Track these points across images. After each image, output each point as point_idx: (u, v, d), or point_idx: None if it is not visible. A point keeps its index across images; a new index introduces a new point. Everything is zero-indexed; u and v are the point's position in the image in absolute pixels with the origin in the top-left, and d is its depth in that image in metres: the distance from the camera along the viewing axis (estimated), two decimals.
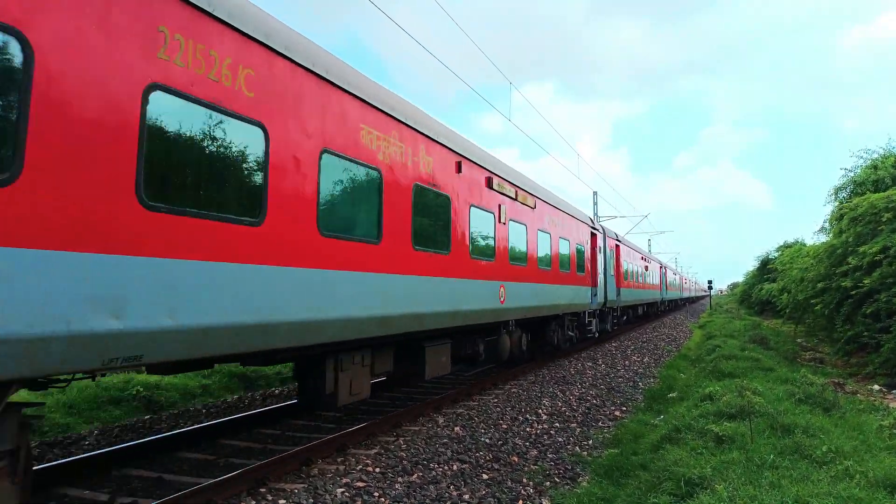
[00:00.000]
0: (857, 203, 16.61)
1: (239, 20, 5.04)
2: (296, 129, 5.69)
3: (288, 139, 5.57)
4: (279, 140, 5.45)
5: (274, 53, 5.44)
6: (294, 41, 5.76)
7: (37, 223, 3.45)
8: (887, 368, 12.75)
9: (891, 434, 7.44)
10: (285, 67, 5.59)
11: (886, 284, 13.45)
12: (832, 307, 16.15)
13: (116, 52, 4.00)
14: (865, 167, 24.66)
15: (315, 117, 5.98)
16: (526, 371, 13.93)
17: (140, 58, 4.17)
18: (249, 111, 5.14)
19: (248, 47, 5.15)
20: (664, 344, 21.93)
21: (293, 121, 5.66)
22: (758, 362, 13.20)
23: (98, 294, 3.76)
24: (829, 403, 8.42)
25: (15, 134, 3.40)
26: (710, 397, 8.48)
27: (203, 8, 4.67)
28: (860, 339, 14.42)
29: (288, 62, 5.63)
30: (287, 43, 5.63)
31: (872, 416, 8.51)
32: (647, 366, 15.83)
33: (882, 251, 13.93)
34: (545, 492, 6.15)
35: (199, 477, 6.07)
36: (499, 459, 7.08)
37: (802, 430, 6.54)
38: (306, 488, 5.70)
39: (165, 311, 4.19)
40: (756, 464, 5.39)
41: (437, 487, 6.01)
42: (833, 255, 16.75)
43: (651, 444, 7.18)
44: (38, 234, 3.44)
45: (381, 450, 7.19)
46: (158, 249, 4.20)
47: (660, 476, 5.56)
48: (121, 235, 3.95)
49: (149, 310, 4.07)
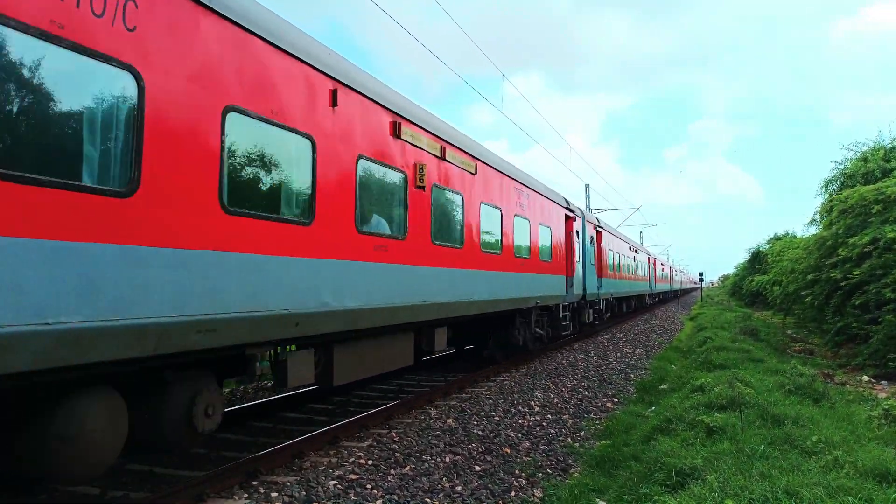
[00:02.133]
0: (847, 195, 16.69)
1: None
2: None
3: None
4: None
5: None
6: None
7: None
8: (876, 359, 12.86)
9: (879, 424, 7.51)
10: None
11: (876, 276, 13.55)
12: (822, 298, 16.26)
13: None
14: (855, 160, 24.79)
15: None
16: (518, 363, 13.95)
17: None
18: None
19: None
20: (656, 336, 22.05)
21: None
22: (748, 354, 13.29)
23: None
24: (819, 394, 8.49)
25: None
26: (701, 388, 8.53)
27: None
28: (850, 331, 14.53)
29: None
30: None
31: (861, 407, 8.59)
32: (639, 357, 15.91)
33: (871, 243, 14.02)
34: (537, 483, 6.17)
35: (191, 470, 6.04)
36: (491, 451, 7.10)
37: (792, 420, 6.59)
38: (299, 481, 5.69)
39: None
40: (746, 454, 5.42)
41: (430, 479, 6.02)
42: (823, 246, 16.84)
43: (642, 436, 7.22)
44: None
45: (374, 442, 7.19)
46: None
47: (651, 467, 5.58)
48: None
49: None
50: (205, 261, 4.75)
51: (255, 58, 5.39)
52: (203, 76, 4.83)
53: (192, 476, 5.63)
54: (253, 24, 5.37)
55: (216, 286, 4.85)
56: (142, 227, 4.26)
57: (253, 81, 5.37)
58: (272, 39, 5.58)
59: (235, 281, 5.03)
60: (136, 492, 5.42)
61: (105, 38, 4.03)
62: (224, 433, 7.65)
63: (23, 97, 3.66)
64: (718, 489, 4.49)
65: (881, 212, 14.49)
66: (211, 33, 4.93)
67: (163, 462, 6.41)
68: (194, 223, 4.70)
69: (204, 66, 4.85)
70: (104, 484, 5.67)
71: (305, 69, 6.08)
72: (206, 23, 4.89)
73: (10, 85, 3.56)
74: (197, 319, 4.63)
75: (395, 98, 8.01)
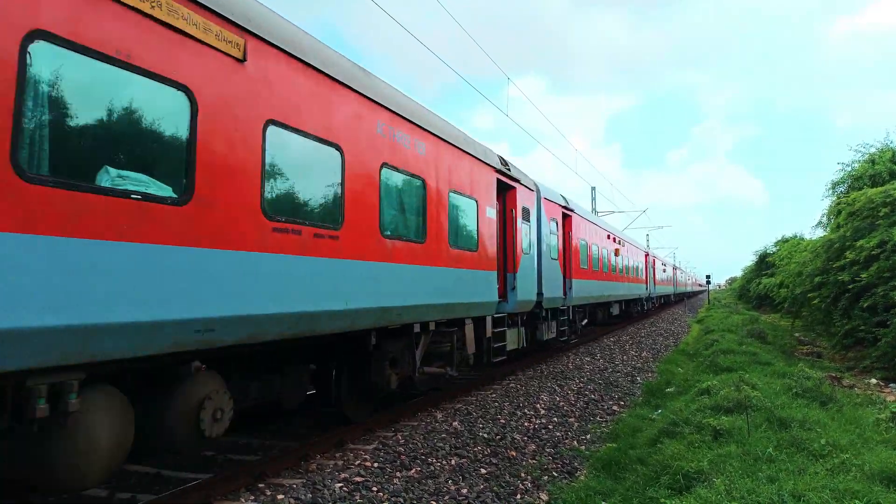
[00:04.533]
0: (855, 198, 16.65)
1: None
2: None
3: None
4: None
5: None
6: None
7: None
8: (884, 362, 12.79)
9: (887, 427, 7.47)
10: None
11: (884, 278, 13.49)
12: (830, 301, 16.20)
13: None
14: (863, 162, 24.69)
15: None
16: (525, 366, 13.94)
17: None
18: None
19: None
20: (662, 339, 21.99)
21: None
22: (755, 356, 13.24)
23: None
24: (826, 397, 8.45)
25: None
26: (707, 391, 8.50)
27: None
28: (857, 333, 14.47)
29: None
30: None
31: (869, 410, 8.54)
32: (646, 360, 15.87)
33: (879, 245, 13.97)
34: (543, 486, 6.17)
35: (198, 473, 6.07)
36: (497, 454, 7.10)
37: (799, 423, 6.56)
38: (305, 483, 5.70)
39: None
40: (753, 457, 5.41)
41: (436, 482, 6.02)
42: (830, 249, 16.78)
43: (649, 439, 7.20)
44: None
45: (380, 445, 7.20)
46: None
47: (657, 470, 5.58)
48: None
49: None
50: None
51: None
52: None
53: (198, 478, 5.66)
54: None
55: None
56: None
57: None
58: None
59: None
60: (142, 493, 5.45)
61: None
62: (230, 436, 7.68)
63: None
64: (725, 492, 4.48)
65: (889, 214, 14.45)
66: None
67: (170, 464, 6.45)
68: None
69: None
70: (111, 486, 5.71)
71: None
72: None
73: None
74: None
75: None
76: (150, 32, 4.30)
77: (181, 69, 4.55)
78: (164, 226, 4.35)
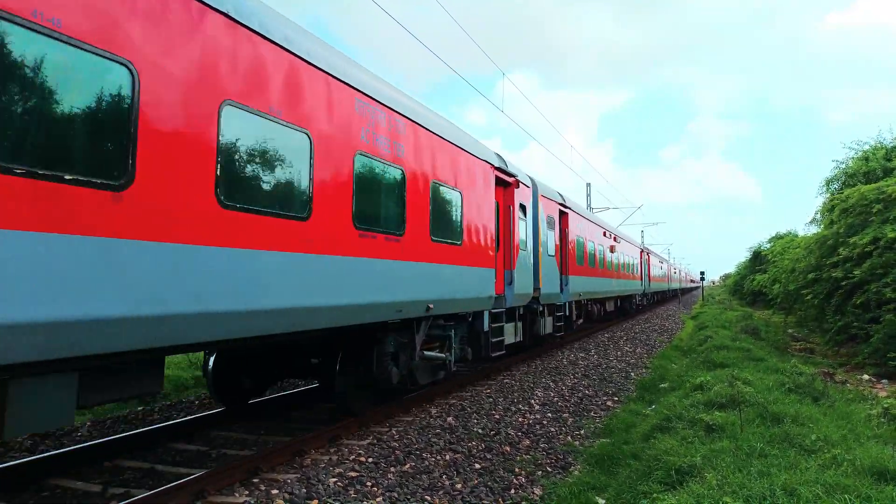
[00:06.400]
0: (849, 194, 16.70)
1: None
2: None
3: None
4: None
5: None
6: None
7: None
8: (876, 358, 12.87)
9: (879, 423, 7.53)
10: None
11: (876, 275, 13.56)
12: (823, 298, 16.27)
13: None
14: (857, 159, 24.78)
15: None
16: (519, 362, 13.97)
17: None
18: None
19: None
20: (656, 335, 22.06)
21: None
22: (749, 352, 13.30)
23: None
24: (819, 393, 8.50)
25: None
26: (701, 387, 8.54)
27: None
28: (850, 330, 14.54)
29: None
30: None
31: (861, 406, 8.60)
32: (640, 356, 15.92)
33: (872, 242, 14.03)
34: (537, 481, 6.19)
35: (193, 468, 6.07)
36: (491, 449, 7.12)
37: (792, 419, 6.60)
38: (299, 478, 5.71)
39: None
40: (745, 452, 5.44)
41: (430, 477, 6.04)
42: (824, 245, 16.85)
43: (642, 434, 7.24)
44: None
45: (374, 440, 7.21)
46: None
47: (651, 465, 5.60)
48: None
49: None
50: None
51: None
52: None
53: (193, 473, 5.66)
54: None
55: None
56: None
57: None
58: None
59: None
60: (137, 489, 5.44)
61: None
62: (225, 431, 7.69)
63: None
64: (717, 487, 4.51)
65: (882, 211, 14.50)
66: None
67: (165, 460, 6.45)
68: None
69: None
70: (106, 480, 5.70)
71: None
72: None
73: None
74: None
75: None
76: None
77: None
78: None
